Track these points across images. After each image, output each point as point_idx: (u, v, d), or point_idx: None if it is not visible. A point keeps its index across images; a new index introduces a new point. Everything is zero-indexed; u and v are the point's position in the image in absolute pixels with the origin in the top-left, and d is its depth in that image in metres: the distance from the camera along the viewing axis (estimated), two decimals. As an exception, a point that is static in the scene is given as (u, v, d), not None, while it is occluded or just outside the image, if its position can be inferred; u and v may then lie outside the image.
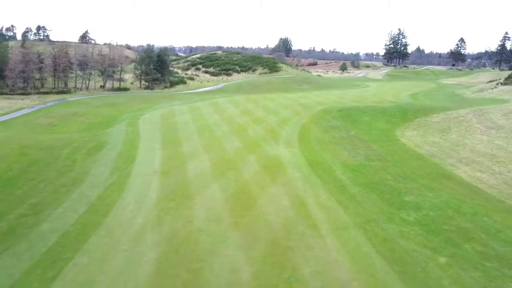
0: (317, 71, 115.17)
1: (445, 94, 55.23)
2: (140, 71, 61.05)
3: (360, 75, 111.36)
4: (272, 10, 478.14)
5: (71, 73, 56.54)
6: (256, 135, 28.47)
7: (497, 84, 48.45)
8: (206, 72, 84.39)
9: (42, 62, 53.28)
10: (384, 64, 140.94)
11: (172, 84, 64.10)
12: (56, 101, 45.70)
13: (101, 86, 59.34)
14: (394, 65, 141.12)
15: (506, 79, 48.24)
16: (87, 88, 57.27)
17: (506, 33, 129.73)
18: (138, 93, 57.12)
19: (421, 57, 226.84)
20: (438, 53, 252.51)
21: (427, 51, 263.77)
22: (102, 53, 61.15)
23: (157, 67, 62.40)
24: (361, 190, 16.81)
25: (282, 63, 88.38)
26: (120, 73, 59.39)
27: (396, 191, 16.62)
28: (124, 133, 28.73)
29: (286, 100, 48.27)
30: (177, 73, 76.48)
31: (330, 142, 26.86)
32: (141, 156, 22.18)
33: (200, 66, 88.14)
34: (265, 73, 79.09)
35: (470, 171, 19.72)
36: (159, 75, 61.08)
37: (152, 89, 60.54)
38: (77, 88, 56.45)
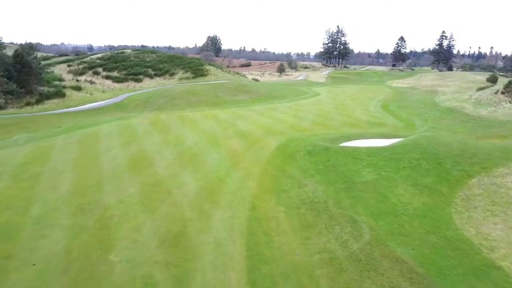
0: (252, 74, 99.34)
1: (426, 105, 42.13)
2: (-19, 80, 38.09)
3: (300, 77, 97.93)
4: (201, 7, 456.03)
5: None
6: (130, 278, 10.22)
7: (495, 93, 36.62)
8: (107, 77, 62.67)
9: None
10: (323, 64, 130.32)
11: (42, 98, 42.03)
12: None
13: None
14: (334, 66, 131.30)
15: (506, 86, 36.47)
16: None
17: (444, 32, 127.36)
18: (-29, 116, 34.53)
19: (351, 57, 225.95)
20: (367, 53, 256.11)
21: (355, 51, 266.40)
22: None
23: (13, 73, 40.02)
24: None
25: (210, 64, 70.01)
26: None
27: None
28: None
29: (216, 125, 30.45)
30: (61, 80, 53.88)
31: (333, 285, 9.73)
32: None
33: (100, 70, 65.89)
34: (188, 78, 60.08)
35: None
36: (14, 85, 38.75)
37: (3, 108, 38.11)
38: None
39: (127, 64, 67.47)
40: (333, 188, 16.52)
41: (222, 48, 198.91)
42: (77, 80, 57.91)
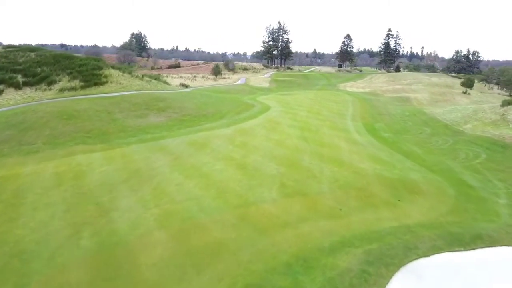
0: (182, 77, 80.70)
1: (436, 131, 28.43)
2: None
3: (239, 81, 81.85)
4: (133, 2, 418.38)
5: None
6: None
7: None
8: None
9: None
10: (264, 65, 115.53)
11: None
12: None
13: None
14: (277, 67, 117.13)
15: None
16: None
17: (390, 30, 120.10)
18: None
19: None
20: (304, 52, 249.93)
21: (292, 51, 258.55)
22: None
23: None
24: None
25: (114, 68, 50.04)
26: None
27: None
28: None
29: (64, 212, 12.64)
30: None
31: None
32: None
33: None
34: (74, 88, 40.31)
35: None
36: None
37: None
38: None
39: (-14, 68, 45.15)
40: None
41: (151, 47, 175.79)
42: None
